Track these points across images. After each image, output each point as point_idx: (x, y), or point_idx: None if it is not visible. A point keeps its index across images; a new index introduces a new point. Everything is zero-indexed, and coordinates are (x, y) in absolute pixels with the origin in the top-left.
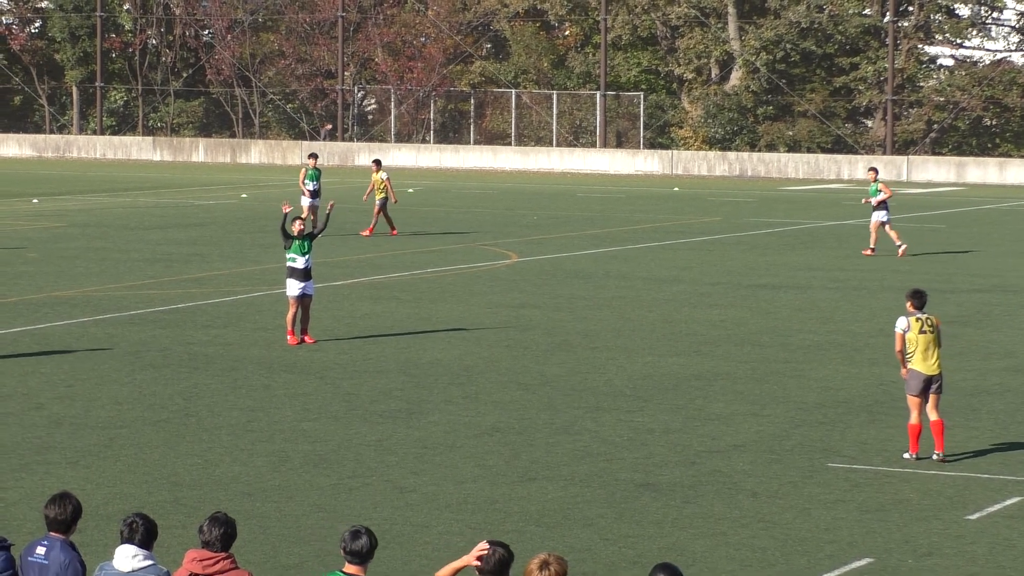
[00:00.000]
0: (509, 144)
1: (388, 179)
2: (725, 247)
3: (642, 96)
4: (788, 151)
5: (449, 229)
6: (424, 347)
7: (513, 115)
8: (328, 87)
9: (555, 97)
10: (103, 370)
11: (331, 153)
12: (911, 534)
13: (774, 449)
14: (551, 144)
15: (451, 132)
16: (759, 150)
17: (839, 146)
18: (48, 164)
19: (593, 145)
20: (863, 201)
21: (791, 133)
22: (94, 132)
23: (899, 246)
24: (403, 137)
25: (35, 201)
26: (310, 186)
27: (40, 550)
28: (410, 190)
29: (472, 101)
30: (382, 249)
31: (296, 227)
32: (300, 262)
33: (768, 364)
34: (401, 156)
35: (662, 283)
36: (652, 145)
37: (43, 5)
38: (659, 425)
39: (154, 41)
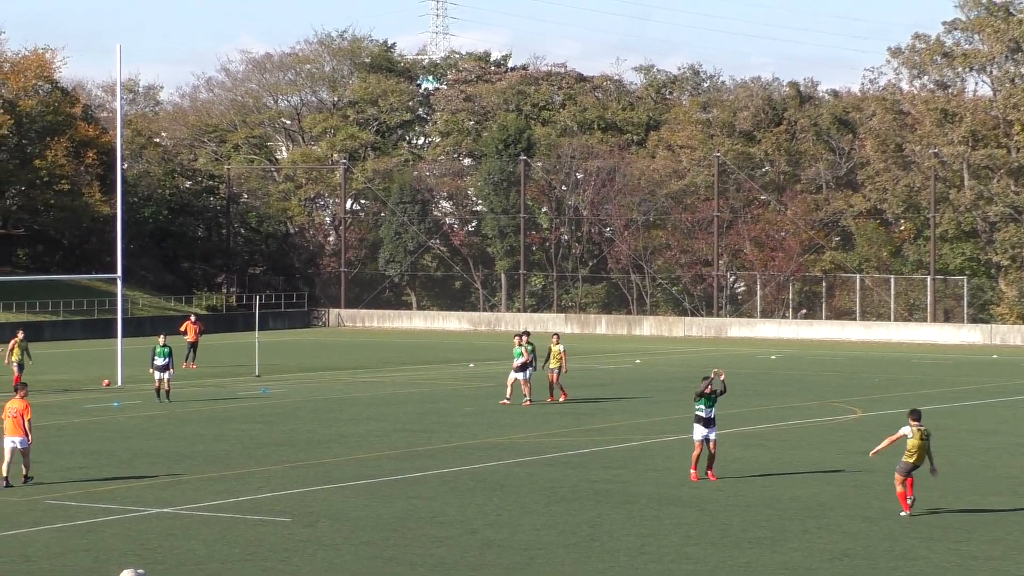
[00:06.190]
0: (854, 319)
1: (565, 351)
2: None
3: (965, 280)
4: None
5: (805, 389)
6: (785, 485)
7: (858, 296)
8: (706, 273)
9: (892, 281)
10: (525, 502)
11: (708, 327)
12: None
13: None
14: (889, 319)
15: (806, 309)
16: None
17: None
18: (481, 336)
19: (924, 320)
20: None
21: None
22: (518, 310)
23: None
24: (767, 313)
25: (471, 365)
26: (521, 360)
27: None
28: (772, 356)
29: (824, 284)
30: (751, 405)
31: (704, 388)
32: (704, 412)
33: None
34: (765, 329)
35: (983, 434)
36: (974, 320)
37: (478, 209)
38: (982, 553)
39: (566, 237)
